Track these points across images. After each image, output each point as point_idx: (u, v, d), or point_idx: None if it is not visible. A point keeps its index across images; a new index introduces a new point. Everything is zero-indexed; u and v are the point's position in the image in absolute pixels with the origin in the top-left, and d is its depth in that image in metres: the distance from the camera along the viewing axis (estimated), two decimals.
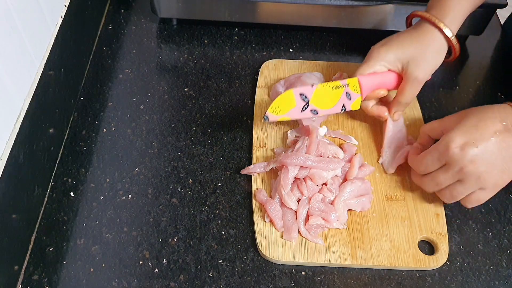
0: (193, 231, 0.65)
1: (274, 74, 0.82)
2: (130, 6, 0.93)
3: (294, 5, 0.83)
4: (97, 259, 0.62)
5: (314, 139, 0.67)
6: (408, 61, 0.68)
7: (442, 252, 0.64)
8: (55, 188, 0.68)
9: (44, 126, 0.66)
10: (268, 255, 0.62)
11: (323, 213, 0.64)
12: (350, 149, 0.71)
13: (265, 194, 0.67)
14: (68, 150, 0.72)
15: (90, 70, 0.82)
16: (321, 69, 0.83)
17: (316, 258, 0.62)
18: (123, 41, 0.87)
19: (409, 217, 0.67)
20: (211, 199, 0.68)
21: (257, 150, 0.73)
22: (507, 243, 0.66)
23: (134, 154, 0.72)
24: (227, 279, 0.61)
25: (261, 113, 0.77)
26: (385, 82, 0.71)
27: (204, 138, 0.75)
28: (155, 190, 0.69)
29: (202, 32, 0.90)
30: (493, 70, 0.88)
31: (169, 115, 0.77)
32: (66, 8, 0.73)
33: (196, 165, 0.72)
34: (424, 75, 0.69)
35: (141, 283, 0.61)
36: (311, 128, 0.70)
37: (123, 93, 0.80)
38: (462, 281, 0.63)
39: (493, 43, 0.92)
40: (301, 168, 0.66)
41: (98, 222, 0.65)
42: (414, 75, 0.68)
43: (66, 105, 0.74)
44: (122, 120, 0.76)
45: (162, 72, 0.83)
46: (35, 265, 0.61)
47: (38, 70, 0.65)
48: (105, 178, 0.69)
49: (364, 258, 0.63)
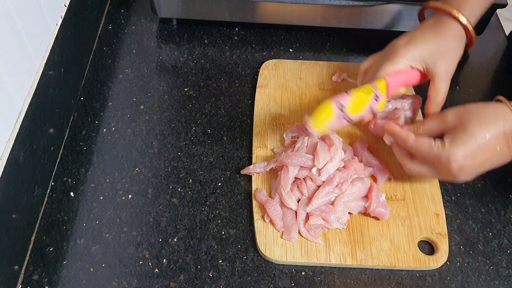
0: (193, 231, 0.65)
1: (274, 74, 0.82)
2: (130, 6, 0.93)
3: (294, 5, 0.83)
4: (97, 259, 0.62)
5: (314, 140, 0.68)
6: (434, 57, 0.67)
7: (442, 252, 0.64)
8: (55, 188, 0.68)
9: (44, 126, 0.66)
10: (268, 255, 0.62)
11: (323, 213, 0.64)
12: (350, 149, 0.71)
13: (265, 194, 0.67)
14: (68, 150, 0.72)
15: (90, 70, 0.82)
16: (321, 69, 0.83)
17: (316, 258, 0.62)
18: (123, 41, 0.87)
19: (409, 217, 0.67)
20: (211, 199, 0.68)
21: (257, 150, 0.73)
22: (507, 243, 0.66)
23: (134, 154, 0.72)
24: (227, 279, 0.61)
25: (261, 113, 0.77)
26: (408, 80, 0.70)
27: (204, 138, 0.75)
28: (155, 190, 0.69)
29: (202, 32, 0.90)
30: (493, 70, 0.88)
31: (169, 115, 0.77)
32: (66, 8, 0.73)
33: (196, 165, 0.72)
34: (452, 68, 0.68)
35: (141, 283, 0.61)
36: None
37: (123, 93, 0.80)
38: (462, 281, 0.63)
39: (493, 43, 0.92)
40: (301, 168, 0.66)
41: (98, 222, 0.65)
42: (443, 70, 0.68)
43: (66, 105, 0.74)
44: (122, 120, 0.76)
45: (162, 72, 0.83)
46: (35, 265, 0.61)
47: (38, 70, 0.65)
48: (105, 178, 0.69)
49: (364, 258, 0.63)
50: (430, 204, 0.68)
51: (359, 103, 0.66)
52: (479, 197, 0.70)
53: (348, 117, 0.65)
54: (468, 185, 0.71)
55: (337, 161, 0.66)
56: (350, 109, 0.65)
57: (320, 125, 0.63)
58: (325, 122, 0.63)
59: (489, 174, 0.72)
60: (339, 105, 0.64)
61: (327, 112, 0.64)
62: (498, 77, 0.87)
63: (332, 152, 0.66)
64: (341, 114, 0.64)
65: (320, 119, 0.63)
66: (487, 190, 0.71)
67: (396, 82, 0.68)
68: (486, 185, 0.72)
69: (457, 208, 0.69)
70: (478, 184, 0.72)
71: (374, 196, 0.65)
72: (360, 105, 0.66)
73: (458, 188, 0.71)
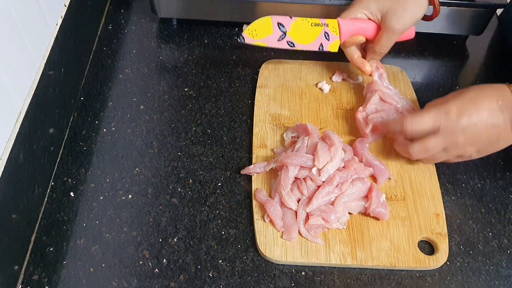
0: (193, 231, 0.65)
1: (274, 74, 0.82)
2: (130, 6, 0.93)
3: (294, 5, 0.83)
4: (97, 259, 0.62)
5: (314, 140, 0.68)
6: (387, 10, 0.71)
7: (442, 252, 0.64)
8: (55, 188, 0.68)
9: (44, 126, 0.66)
10: (268, 255, 0.62)
11: (323, 213, 0.64)
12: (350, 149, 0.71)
13: (265, 194, 0.67)
14: (68, 150, 0.72)
15: (90, 70, 0.82)
16: (321, 69, 0.83)
17: (316, 258, 0.62)
18: (123, 41, 0.87)
19: (409, 217, 0.67)
20: (211, 199, 0.68)
21: (257, 150, 0.73)
22: (507, 243, 0.66)
23: (134, 154, 0.72)
24: (227, 279, 0.61)
25: (261, 113, 0.77)
26: (364, 29, 0.74)
27: (204, 138, 0.75)
28: (155, 190, 0.69)
29: (202, 32, 0.90)
30: (493, 70, 0.88)
31: (169, 115, 0.77)
32: (66, 8, 0.73)
33: (196, 165, 0.72)
34: (401, 26, 0.72)
35: (141, 283, 0.61)
36: (310, 128, 0.70)
37: (123, 93, 0.80)
38: (462, 281, 0.63)
39: (493, 43, 0.92)
40: (301, 168, 0.66)
41: (98, 222, 0.65)
42: (391, 25, 0.71)
43: (66, 105, 0.74)
44: (122, 120, 0.76)
45: (162, 72, 0.83)
46: (35, 265, 0.61)
47: (38, 70, 0.65)
48: (105, 178, 0.69)
49: (364, 258, 0.63)
50: (430, 204, 0.68)
51: (304, 33, 0.72)
52: (479, 197, 0.70)
53: (291, 41, 0.71)
54: (468, 185, 0.71)
55: (337, 161, 0.66)
56: (292, 33, 0.70)
57: (256, 36, 0.69)
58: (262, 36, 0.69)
59: (489, 174, 0.72)
60: (280, 25, 0.69)
61: (265, 26, 0.69)
62: (498, 77, 0.87)
63: (332, 152, 0.66)
64: (281, 35, 0.69)
65: (257, 31, 0.69)
66: (487, 190, 0.71)
67: (349, 27, 0.73)
68: (486, 185, 0.72)
69: (457, 208, 0.69)
70: (478, 184, 0.72)
71: (374, 196, 0.65)
72: (307, 36, 0.72)
73: (458, 188, 0.71)
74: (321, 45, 0.73)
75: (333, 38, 0.73)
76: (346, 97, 0.80)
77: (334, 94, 0.80)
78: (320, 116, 0.77)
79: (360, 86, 0.81)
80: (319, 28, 0.72)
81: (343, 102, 0.79)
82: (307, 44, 0.72)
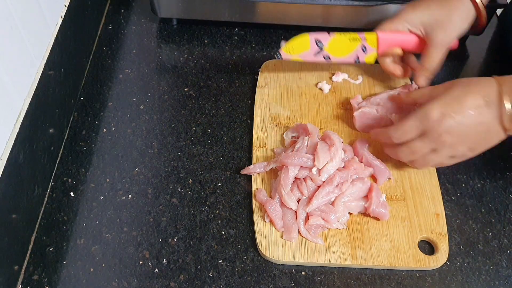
0: (193, 231, 0.65)
1: (274, 74, 0.82)
2: (130, 6, 0.93)
3: (294, 5, 0.83)
4: (97, 259, 0.62)
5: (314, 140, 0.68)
6: (433, 24, 0.69)
7: (442, 252, 0.64)
8: (55, 188, 0.68)
9: (44, 126, 0.66)
10: (268, 255, 0.63)
11: (323, 213, 0.64)
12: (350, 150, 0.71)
13: (265, 194, 0.67)
14: (68, 150, 0.72)
15: (90, 70, 0.82)
16: (321, 69, 0.83)
17: (316, 258, 0.63)
18: (123, 41, 0.87)
19: (409, 217, 0.67)
20: (211, 199, 0.68)
21: (257, 150, 0.73)
22: (507, 243, 0.66)
23: (134, 154, 0.72)
24: (227, 279, 0.61)
25: (261, 113, 0.77)
26: (403, 42, 0.72)
27: (204, 138, 0.75)
28: (155, 190, 0.69)
29: (202, 32, 0.90)
30: (493, 70, 0.88)
31: (169, 115, 0.77)
32: (66, 8, 0.73)
33: (196, 165, 0.72)
34: (449, 40, 0.70)
35: (141, 283, 0.61)
36: (310, 128, 0.70)
37: (123, 93, 0.80)
38: (462, 281, 0.63)
39: (493, 43, 0.92)
40: (301, 168, 0.66)
41: (98, 222, 0.65)
42: (439, 39, 0.69)
43: (66, 105, 0.74)
44: (122, 120, 0.76)
45: (162, 72, 0.83)
46: (35, 265, 0.61)
47: (38, 70, 0.65)
48: (105, 178, 0.69)
49: (364, 258, 0.63)
50: (430, 204, 0.68)
51: (341, 47, 0.71)
52: (479, 197, 0.70)
53: (327, 55, 0.71)
54: (468, 185, 0.71)
55: (337, 161, 0.66)
56: (329, 48, 0.70)
57: (293, 52, 0.69)
58: (299, 52, 0.70)
59: (489, 174, 0.72)
60: (317, 41, 0.69)
61: (303, 43, 0.69)
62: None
63: (332, 152, 0.66)
64: (318, 50, 0.69)
65: (294, 48, 0.69)
66: (487, 190, 0.71)
67: (388, 39, 0.72)
68: (486, 185, 0.72)
69: (457, 208, 0.69)
70: (478, 184, 0.72)
71: (374, 196, 0.65)
72: (344, 49, 0.71)
73: (458, 188, 0.71)
74: (357, 58, 0.72)
75: (370, 51, 0.72)
76: (346, 97, 0.80)
77: (334, 94, 0.80)
78: (320, 116, 0.77)
79: (360, 86, 0.81)
80: (356, 43, 0.71)
81: (343, 102, 0.79)
82: (343, 56, 0.72)
